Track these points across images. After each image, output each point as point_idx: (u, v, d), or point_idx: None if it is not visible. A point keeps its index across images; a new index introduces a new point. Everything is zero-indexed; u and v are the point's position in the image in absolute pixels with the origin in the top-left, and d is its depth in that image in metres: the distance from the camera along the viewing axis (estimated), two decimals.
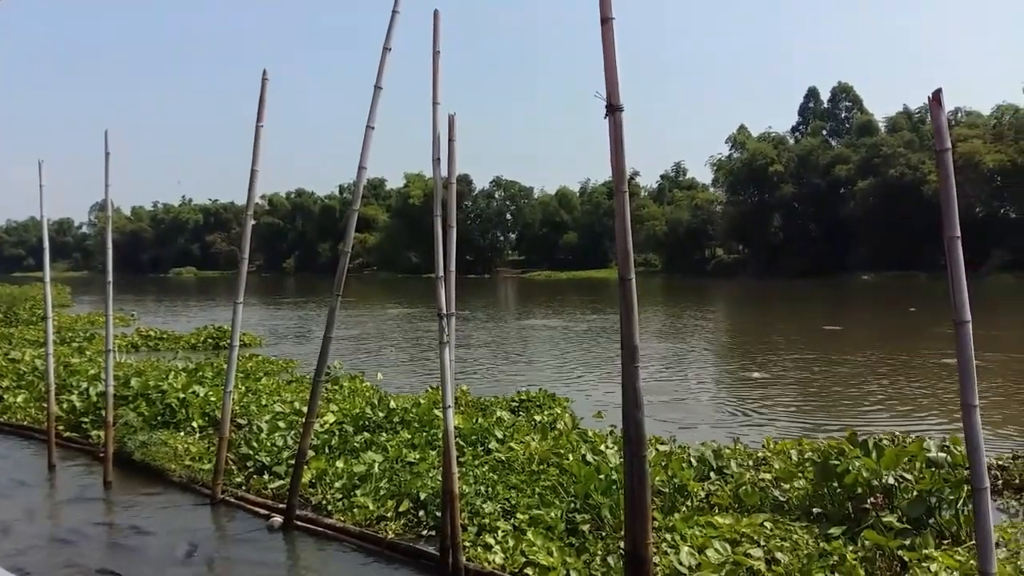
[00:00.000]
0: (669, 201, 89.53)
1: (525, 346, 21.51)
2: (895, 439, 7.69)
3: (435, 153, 5.32)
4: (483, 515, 5.87)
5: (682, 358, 18.52)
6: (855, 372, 15.63)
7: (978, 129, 62.68)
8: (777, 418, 11.48)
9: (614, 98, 3.53)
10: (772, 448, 7.90)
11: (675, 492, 6.19)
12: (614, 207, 3.83)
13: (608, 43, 3.49)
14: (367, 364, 16.58)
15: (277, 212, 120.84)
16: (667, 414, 11.59)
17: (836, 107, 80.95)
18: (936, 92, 2.90)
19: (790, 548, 5.05)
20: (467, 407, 9.91)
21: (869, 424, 10.73)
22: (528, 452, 7.42)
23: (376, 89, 6.06)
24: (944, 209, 2.97)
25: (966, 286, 3.03)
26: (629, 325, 3.80)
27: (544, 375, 15.65)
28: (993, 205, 61.38)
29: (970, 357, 3.02)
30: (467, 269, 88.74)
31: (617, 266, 3.86)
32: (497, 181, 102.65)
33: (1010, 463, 7.51)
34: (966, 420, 3.03)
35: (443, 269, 5.22)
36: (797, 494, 6.18)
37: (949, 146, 3.00)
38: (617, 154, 3.59)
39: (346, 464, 7.31)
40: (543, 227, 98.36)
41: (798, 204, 73.09)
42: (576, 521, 5.69)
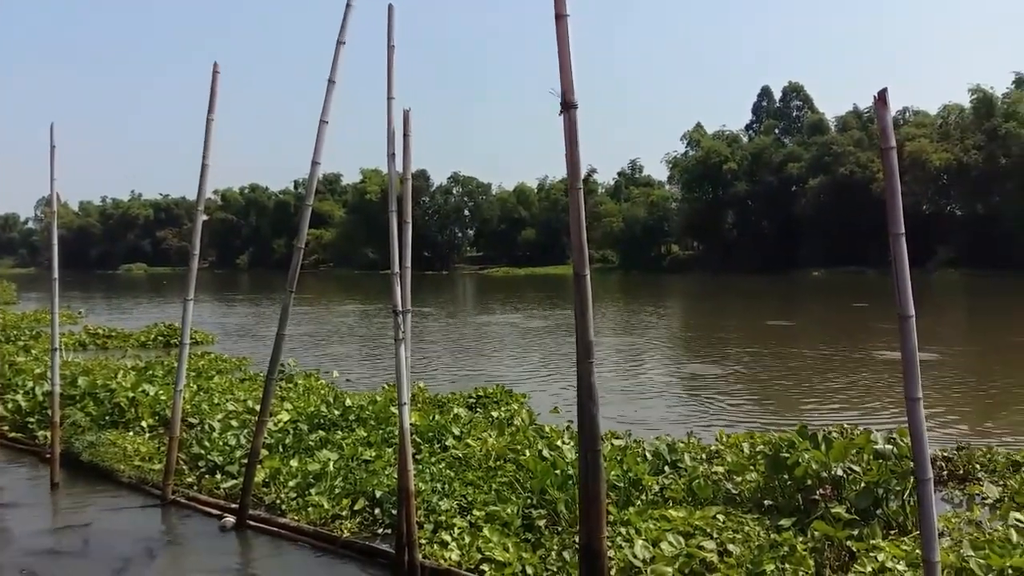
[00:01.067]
0: (626, 198, 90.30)
1: (483, 342, 21.51)
2: (844, 432, 7.85)
3: (390, 148, 5.28)
4: (439, 512, 5.85)
5: (638, 353, 18.69)
6: (805, 366, 15.94)
7: (925, 129, 64.33)
8: (730, 412, 11.65)
9: (568, 95, 3.54)
10: (725, 442, 8.03)
11: (630, 486, 6.24)
12: (582, 203, 3.86)
13: (562, 40, 3.49)
14: (323, 361, 16.41)
15: (230, 207, 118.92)
16: (623, 409, 11.69)
17: (788, 106, 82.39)
18: (881, 92, 2.96)
19: (742, 540, 5.13)
20: (424, 404, 9.88)
21: (819, 417, 10.95)
22: (485, 448, 7.42)
23: (329, 83, 5.99)
24: (889, 206, 3.04)
25: (910, 282, 3.11)
26: (584, 321, 3.82)
27: (502, 371, 15.67)
28: (939, 203, 63.10)
29: (914, 351, 3.09)
30: (425, 265, 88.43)
31: (573, 263, 3.87)
32: (455, 177, 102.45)
33: (954, 454, 7.73)
34: (910, 413, 3.11)
35: (398, 265, 5.18)
36: (749, 486, 6.28)
37: (894, 144, 3.07)
38: (572, 151, 3.61)
39: (300, 463, 7.21)
40: (501, 223, 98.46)
41: (751, 201, 74.31)
42: (532, 516, 5.70)
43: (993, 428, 10.29)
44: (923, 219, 60.57)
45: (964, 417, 11.02)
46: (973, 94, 60.85)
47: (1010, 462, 7.51)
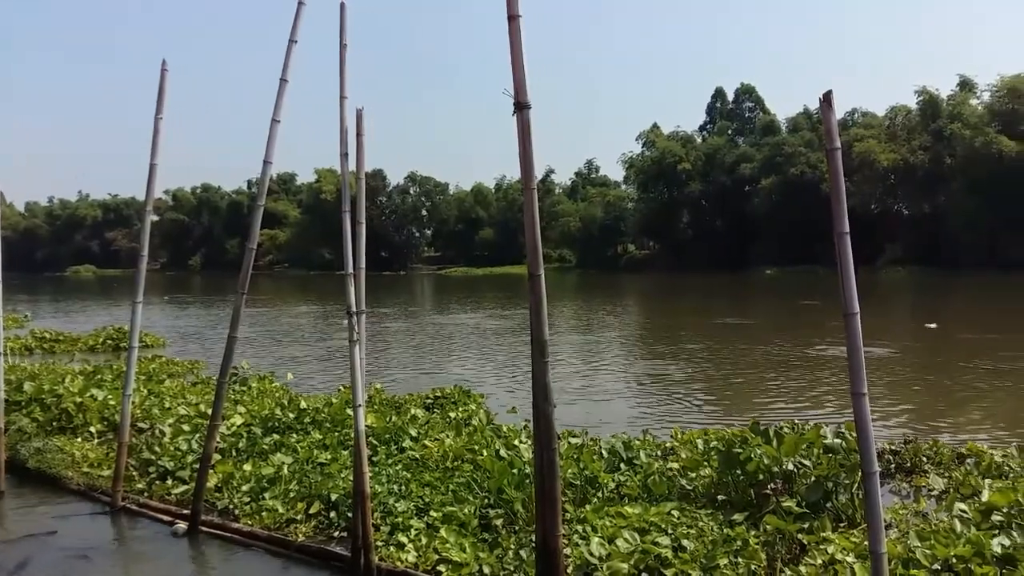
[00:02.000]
0: (583, 198, 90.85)
1: (441, 343, 21.45)
2: (795, 427, 8.00)
3: (343, 148, 5.24)
4: (396, 514, 5.83)
5: (596, 352, 18.82)
6: (758, 363, 16.22)
7: (873, 129, 65.81)
8: (686, 409, 11.81)
9: (521, 95, 3.55)
10: (680, 438, 8.12)
11: (586, 484, 6.28)
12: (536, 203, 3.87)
13: (515, 41, 3.51)
14: (277, 364, 16.21)
15: (182, 208, 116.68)
16: (581, 407, 11.77)
17: (740, 107, 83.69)
18: (827, 94, 3.03)
19: (696, 535, 5.19)
20: (381, 405, 9.80)
21: (772, 413, 11.17)
22: (442, 449, 7.40)
23: (282, 82, 5.93)
24: (834, 206, 3.11)
25: (855, 280, 3.18)
26: (539, 320, 3.84)
27: (460, 371, 15.66)
28: (887, 202, 64.60)
29: (859, 348, 3.17)
30: (382, 266, 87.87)
31: (527, 262, 3.89)
32: (412, 177, 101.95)
33: (902, 447, 7.93)
34: (856, 407, 3.19)
35: (352, 266, 5.15)
36: (703, 482, 6.37)
37: (838, 145, 3.15)
38: (525, 151, 3.62)
39: (254, 467, 7.13)
40: (459, 223, 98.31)
41: (705, 201, 75.30)
42: (490, 516, 5.71)
43: (939, 422, 10.60)
44: (872, 218, 62.08)
45: (911, 411, 11.33)
46: (919, 96, 62.54)
47: (955, 455, 7.74)
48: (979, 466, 7.25)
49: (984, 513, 5.48)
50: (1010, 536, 4.86)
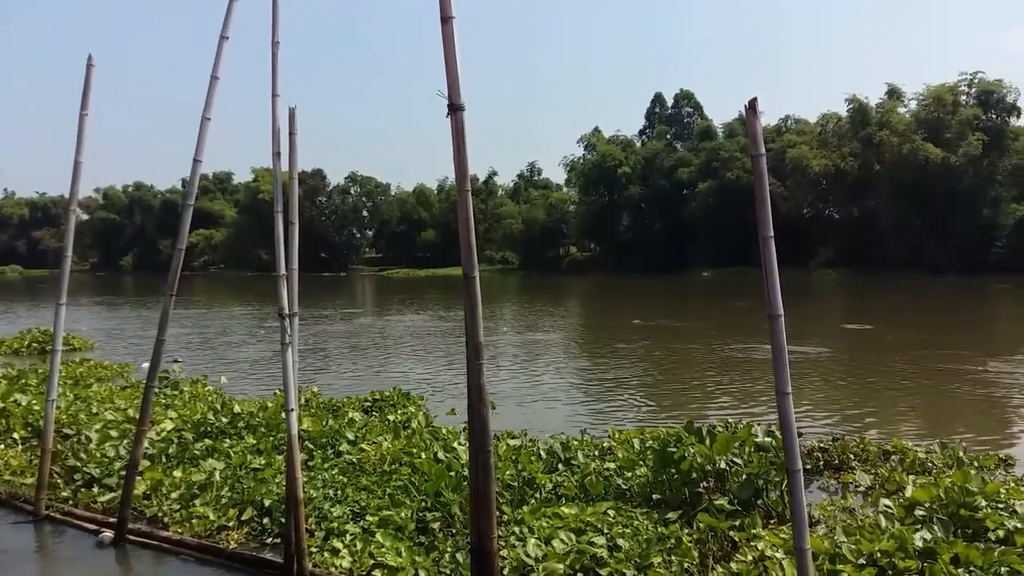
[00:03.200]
0: (525, 200, 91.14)
1: (382, 345, 21.26)
2: (728, 426, 8.17)
3: (275, 147, 5.15)
4: (331, 519, 5.75)
5: (537, 353, 18.90)
6: (694, 363, 16.51)
7: (806, 136, 67.62)
8: (624, 409, 11.95)
9: (455, 97, 3.54)
10: (617, 438, 8.21)
11: (524, 485, 6.30)
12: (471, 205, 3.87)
13: (448, 42, 3.50)
14: (212, 367, 15.84)
15: (113, 206, 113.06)
16: (522, 408, 11.82)
17: (679, 112, 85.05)
18: (752, 101, 3.10)
19: (631, 534, 5.25)
20: (318, 409, 9.67)
21: (707, 412, 11.38)
22: (380, 453, 7.34)
23: (213, 79, 5.79)
24: (759, 210, 3.18)
25: (779, 282, 3.26)
26: (474, 323, 3.83)
27: (400, 373, 15.55)
28: (819, 206, 66.43)
29: (783, 348, 3.25)
30: (322, 267, 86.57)
31: (462, 264, 3.88)
32: (353, 177, 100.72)
33: (830, 445, 8.16)
34: (780, 406, 3.26)
35: (285, 267, 5.06)
36: (639, 481, 6.44)
37: (763, 151, 3.22)
38: (459, 153, 3.61)
39: (184, 473, 6.95)
40: (401, 224, 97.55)
41: (645, 204, 76.31)
42: (427, 520, 5.68)
43: (867, 419, 10.93)
44: (804, 222, 63.86)
45: (841, 409, 11.67)
46: (849, 104, 64.48)
47: (881, 451, 8.00)
48: (903, 462, 7.52)
49: (907, 508, 5.68)
50: (931, 530, 5.04)
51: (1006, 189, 57.85)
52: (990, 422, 10.79)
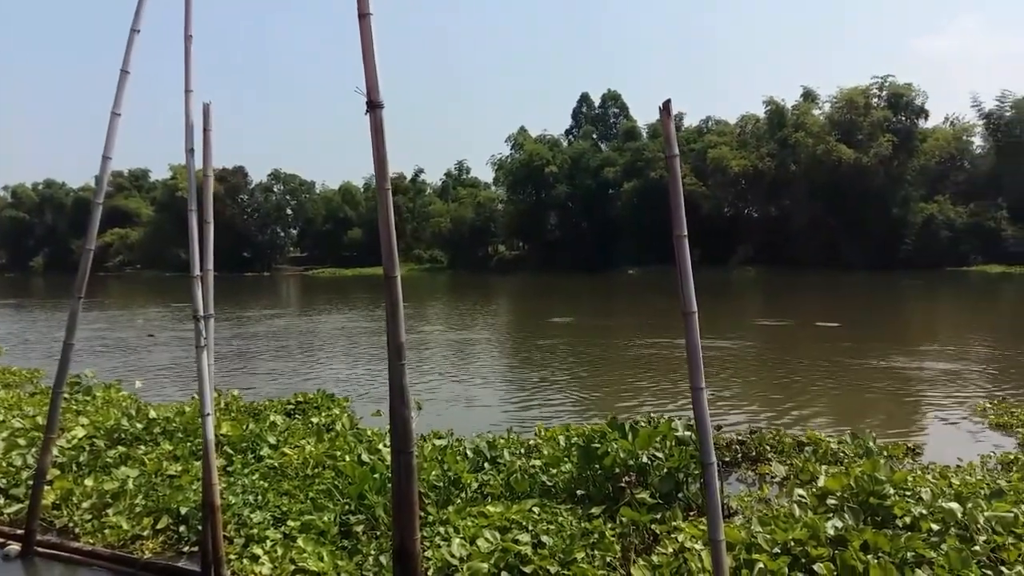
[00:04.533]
0: (454, 199, 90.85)
1: (307, 346, 20.88)
2: (650, 421, 8.33)
3: (188, 143, 4.99)
4: (251, 525, 5.63)
5: (465, 351, 18.87)
6: (619, 360, 16.76)
7: (726, 137, 69.37)
8: (551, 406, 12.03)
9: (374, 94, 3.50)
10: (543, 436, 8.27)
11: (450, 485, 6.28)
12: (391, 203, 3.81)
13: (366, 39, 3.45)
14: (127, 371, 15.29)
15: (22, 205, 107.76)
16: (449, 408, 11.78)
17: (606, 112, 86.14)
18: (666, 103, 3.15)
19: (555, 530, 5.29)
20: (238, 413, 9.44)
21: (632, 407, 11.57)
22: (303, 456, 7.21)
23: (123, 73, 5.58)
24: (673, 210, 3.24)
25: (692, 280, 3.33)
26: (395, 323, 3.80)
27: (326, 375, 15.31)
28: (738, 206, 68.26)
29: (697, 344, 3.32)
30: (244, 266, 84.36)
31: (383, 264, 3.83)
32: (276, 174, 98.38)
33: (748, 438, 8.41)
34: (695, 401, 3.33)
35: (200, 268, 4.91)
36: (564, 478, 6.50)
37: (676, 152, 3.28)
38: (379, 151, 3.57)
39: (96, 482, 6.69)
40: (326, 223, 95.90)
41: (572, 203, 77.01)
42: (350, 523, 5.61)
43: (783, 412, 11.29)
44: (725, 220, 65.54)
45: (759, 403, 12.03)
46: (767, 106, 66.44)
47: (796, 443, 8.28)
48: (817, 453, 7.80)
49: (820, 497, 5.89)
50: (843, 518, 5.23)
51: (915, 188, 60.55)
52: (899, 413, 11.28)
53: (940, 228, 57.96)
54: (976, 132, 64.56)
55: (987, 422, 10.07)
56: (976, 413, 10.71)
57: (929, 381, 13.44)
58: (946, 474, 6.85)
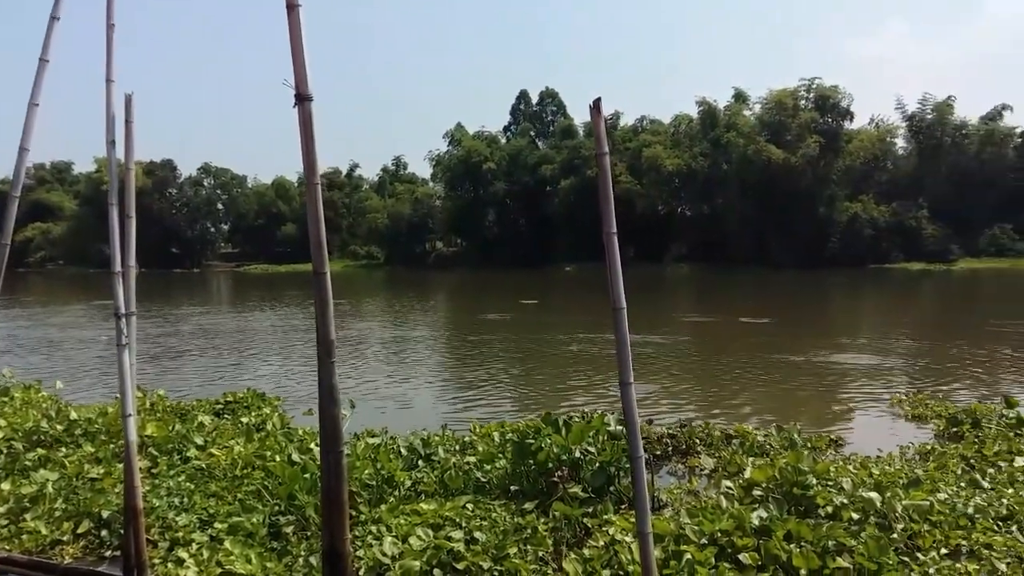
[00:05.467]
0: (391, 194, 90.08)
1: (238, 344, 20.41)
2: (584, 416, 8.42)
3: (109, 135, 4.82)
4: (176, 528, 5.48)
5: (402, 348, 18.74)
6: (556, 355, 16.88)
7: (660, 136, 70.49)
8: (487, 403, 12.05)
9: (302, 87, 3.43)
10: (478, 432, 8.26)
11: (383, 483, 6.23)
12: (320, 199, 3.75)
13: (295, 31, 3.38)
14: (48, 371, 14.71)
15: None
16: (384, 405, 11.70)
17: (544, 110, 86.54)
18: (596, 101, 3.18)
19: (489, 527, 5.30)
20: (164, 413, 9.18)
21: (567, 402, 11.66)
22: (231, 457, 7.06)
23: (41, 62, 5.33)
24: (603, 207, 3.27)
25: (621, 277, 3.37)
26: (325, 320, 3.74)
27: (257, 374, 15.02)
28: (672, 204, 69.45)
29: (626, 340, 3.36)
30: (173, 262, 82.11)
31: (312, 260, 3.77)
32: (206, 168, 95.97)
33: (678, 431, 8.56)
34: (624, 396, 3.37)
35: (121, 264, 4.75)
36: (498, 474, 6.51)
37: (606, 151, 3.31)
38: (307, 145, 3.50)
39: (13, 485, 6.42)
40: (259, 218, 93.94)
41: (510, 200, 77.24)
42: (280, 524, 5.52)
43: (713, 406, 11.55)
44: (659, 218, 66.69)
45: (690, 397, 12.27)
46: (700, 106, 67.73)
47: (724, 436, 8.46)
48: (744, 446, 7.99)
49: (746, 489, 6.04)
50: (767, 509, 5.38)
51: (840, 188, 62.55)
52: (824, 406, 11.65)
53: (864, 227, 60.03)
54: (899, 134, 67.22)
55: (904, 414, 10.48)
56: (894, 405, 11.13)
57: (852, 375, 13.91)
58: (866, 464, 7.10)
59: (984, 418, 8.98)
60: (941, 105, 65.02)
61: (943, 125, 64.67)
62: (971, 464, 7.26)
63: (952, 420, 9.16)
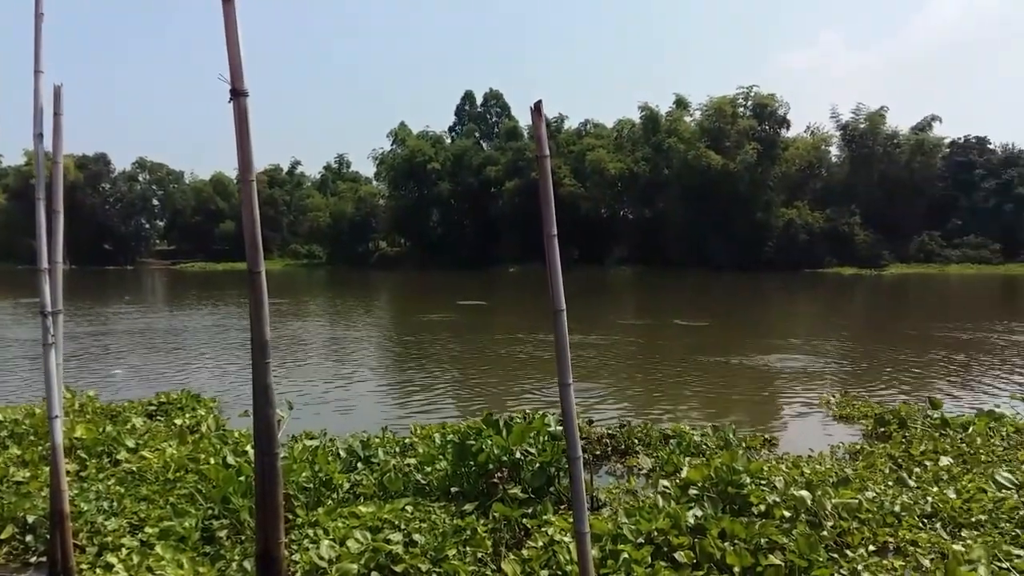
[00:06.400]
0: (333, 192, 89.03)
1: (173, 344, 19.90)
2: (526, 416, 8.46)
3: (36, 127, 4.65)
4: (105, 533, 5.32)
5: (342, 349, 18.51)
6: (499, 356, 16.89)
7: (603, 140, 71.31)
8: (429, 404, 11.98)
9: (238, 82, 3.37)
10: (419, 434, 8.23)
11: (321, 486, 6.15)
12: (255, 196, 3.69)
13: (230, 25, 3.32)
14: None
15: None
16: (324, 407, 11.54)
17: (488, 111, 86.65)
18: (537, 104, 3.19)
19: (428, 528, 5.28)
20: (94, 415, 8.91)
21: (510, 403, 11.69)
22: (163, 460, 6.89)
23: None
24: (543, 209, 3.29)
25: (561, 278, 3.39)
26: (259, 320, 3.68)
27: (192, 374, 14.66)
28: (615, 207, 70.35)
29: (565, 341, 3.38)
30: (107, 259, 79.75)
31: (247, 259, 3.70)
32: (141, 163, 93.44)
33: (617, 431, 8.65)
34: (562, 397, 3.40)
35: (48, 260, 4.59)
36: (438, 476, 6.49)
37: (547, 153, 3.33)
38: (243, 141, 3.44)
39: None
40: (196, 215, 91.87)
41: (454, 201, 77.16)
42: (213, 528, 5.40)
43: (652, 406, 11.71)
44: (602, 221, 67.47)
45: (630, 397, 12.42)
46: (642, 111, 68.66)
47: (662, 435, 8.59)
48: (681, 445, 8.12)
49: (683, 488, 6.14)
50: (703, 507, 5.48)
51: (777, 194, 64.20)
52: (758, 406, 11.92)
53: (799, 232, 61.73)
54: (833, 142, 69.26)
55: (833, 414, 10.80)
56: (823, 406, 11.46)
57: (786, 376, 14.27)
58: (798, 464, 7.28)
59: (910, 419, 9.30)
60: (873, 115, 67.23)
61: (875, 134, 66.89)
62: (898, 463, 7.52)
63: (879, 420, 9.46)
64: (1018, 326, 22.85)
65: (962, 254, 63.35)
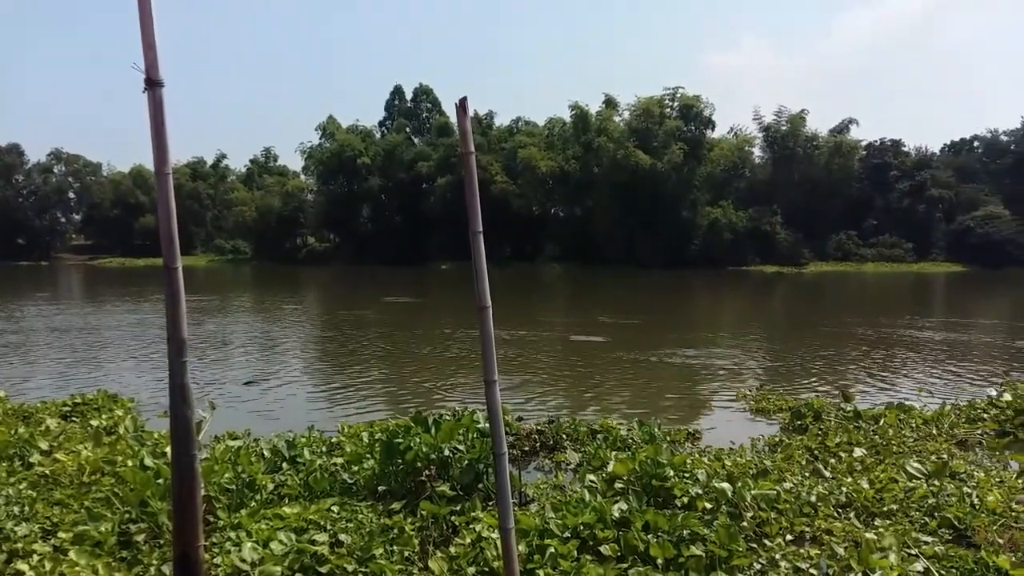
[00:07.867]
0: (259, 187, 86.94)
1: (90, 342, 19.15)
2: (455, 414, 8.45)
3: None
4: (15, 539, 5.09)
5: (271, 347, 18.14)
6: (429, 353, 16.82)
7: (535, 138, 71.56)
8: (358, 402, 11.86)
9: (153, 72, 3.27)
10: (346, 432, 8.13)
11: (244, 487, 6.02)
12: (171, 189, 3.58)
13: (144, 13, 3.21)
14: None
15: None
16: (249, 406, 11.31)
17: (419, 107, 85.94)
18: (462, 100, 3.19)
19: (355, 528, 5.23)
20: (5, 415, 8.53)
21: (441, 401, 11.66)
22: (78, 462, 6.63)
23: None
24: (469, 206, 3.29)
25: (487, 275, 3.40)
26: (176, 317, 3.57)
27: (110, 374, 14.16)
28: (546, 205, 70.70)
29: (490, 338, 3.39)
30: (20, 254, 76.25)
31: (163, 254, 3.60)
32: (57, 154, 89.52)
33: (546, 427, 8.73)
34: (488, 394, 3.41)
35: None
36: (365, 475, 6.43)
37: (472, 150, 3.33)
38: (158, 132, 3.34)
39: None
40: (115, 208, 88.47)
41: (385, 196, 76.26)
42: (131, 532, 5.22)
43: (582, 402, 11.85)
44: (533, 219, 67.77)
45: (560, 393, 12.54)
46: (573, 110, 69.18)
47: (590, 430, 8.71)
48: (608, 440, 8.24)
49: (609, 482, 6.24)
50: (628, 501, 5.58)
51: (702, 194, 65.54)
52: (683, 401, 12.19)
53: (723, 231, 63.23)
54: (756, 143, 71.09)
55: (750, 408, 11.13)
56: (739, 399, 11.79)
57: (710, 371, 14.62)
58: (720, 456, 7.48)
59: (824, 411, 9.66)
60: (794, 117, 69.30)
61: (796, 136, 68.95)
62: (815, 455, 7.80)
63: (796, 413, 9.79)
64: (926, 322, 23.96)
65: (877, 253, 65.96)
